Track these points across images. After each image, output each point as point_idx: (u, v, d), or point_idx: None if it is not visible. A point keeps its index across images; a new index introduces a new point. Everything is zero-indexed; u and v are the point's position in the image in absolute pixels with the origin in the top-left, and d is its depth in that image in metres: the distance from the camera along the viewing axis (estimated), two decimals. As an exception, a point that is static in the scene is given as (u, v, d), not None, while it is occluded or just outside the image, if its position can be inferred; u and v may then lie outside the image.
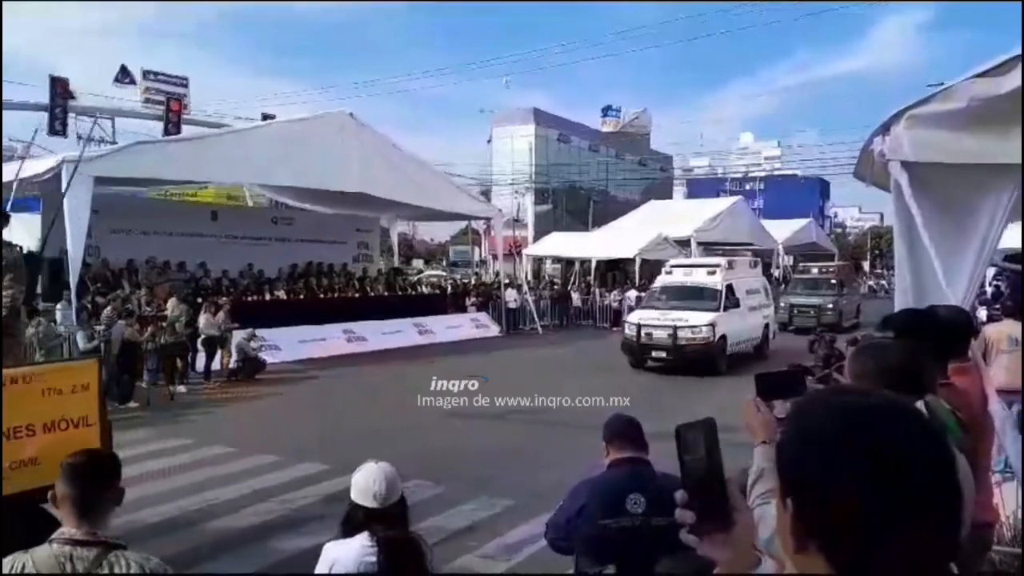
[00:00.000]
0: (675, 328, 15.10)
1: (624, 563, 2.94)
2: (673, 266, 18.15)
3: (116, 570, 2.07)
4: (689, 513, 1.01)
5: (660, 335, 15.30)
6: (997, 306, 11.85)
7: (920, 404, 1.49)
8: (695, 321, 15.15)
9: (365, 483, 2.65)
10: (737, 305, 16.23)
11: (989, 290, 16.28)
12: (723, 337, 15.30)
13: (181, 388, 13.18)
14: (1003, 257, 14.80)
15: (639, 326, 15.64)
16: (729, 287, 16.16)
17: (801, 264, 33.02)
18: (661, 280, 17.88)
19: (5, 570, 2.10)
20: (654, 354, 15.45)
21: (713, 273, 16.54)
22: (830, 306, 24.19)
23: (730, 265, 17.03)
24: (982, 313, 11.49)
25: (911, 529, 0.83)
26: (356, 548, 2.58)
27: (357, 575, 2.56)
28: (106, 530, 2.19)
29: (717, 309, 15.56)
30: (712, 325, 15.03)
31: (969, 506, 1.73)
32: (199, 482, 7.74)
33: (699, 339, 14.98)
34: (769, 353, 17.43)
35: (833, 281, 25.84)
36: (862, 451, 0.85)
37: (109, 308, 13.23)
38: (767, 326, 18.22)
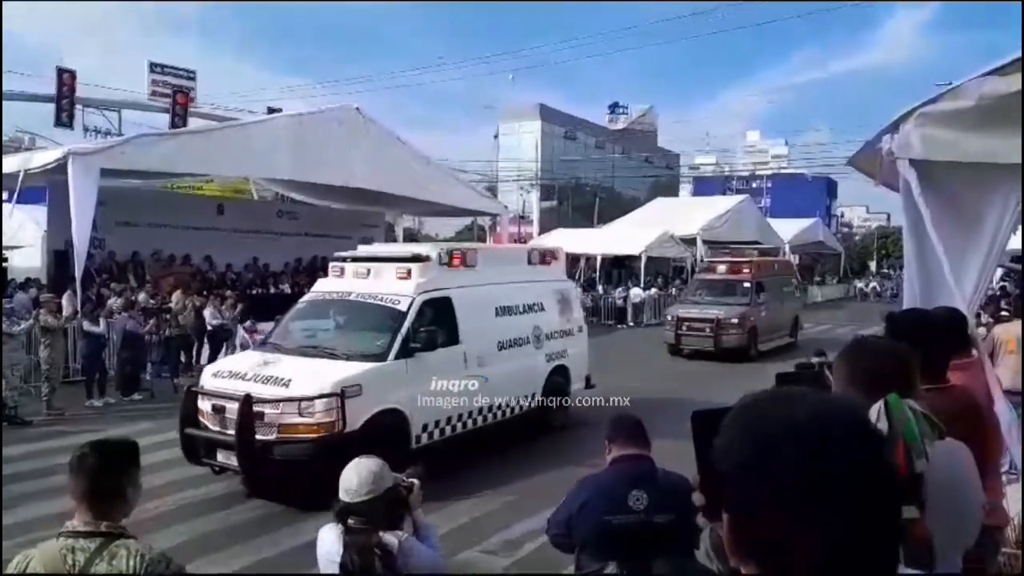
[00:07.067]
0: (256, 402, 6.88)
1: (625, 560, 2.93)
2: (352, 259, 9.14)
3: (116, 560, 2.04)
4: (700, 496, 0.99)
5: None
6: (1006, 305, 11.82)
7: (880, 404, 1.47)
8: (306, 386, 6.98)
9: (344, 476, 2.71)
10: (453, 341, 8.30)
11: (996, 289, 16.26)
12: (394, 414, 7.44)
13: (186, 381, 13.20)
14: (1010, 258, 14.78)
15: (205, 395, 7.48)
16: (435, 304, 8.25)
17: (706, 260, 22.63)
18: (320, 285, 9.23)
19: (12, 567, 2.09)
20: (219, 455, 7.14)
21: (406, 276, 8.29)
22: (735, 320, 16.55)
23: (456, 259, 8.68)
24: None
25: (843, 541, 0.80)
26: (331, 538, 2.66)
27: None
28: (114, 519, 2.15)
29: (382, 355, 7.60)
30: (336, 396, 6.86)
31: (977, 503, 1.70)
32: (202, 474, 7.75)
33: (306, 425, 6.85)
34: (572, 417, 9.90)
35: (746, 284, 17.70)
36: (788, 463, 0.80)
37: (121, 300, 13.26)
38: (562, 370, 9.99)
